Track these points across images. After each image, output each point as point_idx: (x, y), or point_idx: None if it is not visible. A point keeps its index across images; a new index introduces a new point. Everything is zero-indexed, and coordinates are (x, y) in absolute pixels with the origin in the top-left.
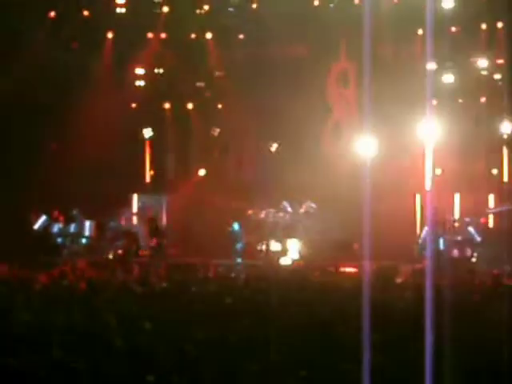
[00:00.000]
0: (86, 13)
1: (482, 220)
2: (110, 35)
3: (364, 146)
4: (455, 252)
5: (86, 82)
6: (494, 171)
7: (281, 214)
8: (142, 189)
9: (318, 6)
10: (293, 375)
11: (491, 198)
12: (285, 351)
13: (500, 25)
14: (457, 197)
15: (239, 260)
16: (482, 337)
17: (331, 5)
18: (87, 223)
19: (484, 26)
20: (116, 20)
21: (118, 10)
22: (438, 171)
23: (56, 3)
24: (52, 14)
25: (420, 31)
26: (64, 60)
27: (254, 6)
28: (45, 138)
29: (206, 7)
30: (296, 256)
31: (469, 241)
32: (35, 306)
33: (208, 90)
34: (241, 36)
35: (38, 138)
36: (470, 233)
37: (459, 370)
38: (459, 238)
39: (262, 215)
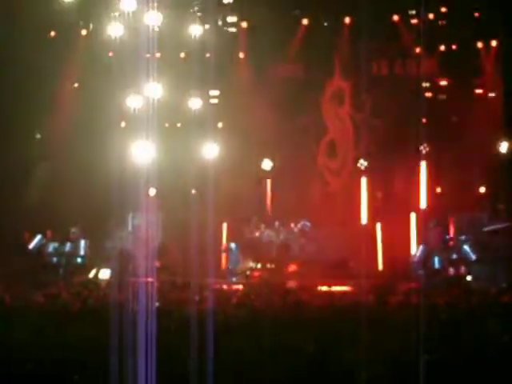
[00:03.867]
0: (82, 32)
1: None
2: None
3: (358, 164)
4: (450, 270)
5: (80, 101)
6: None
7: (275, 233)
8: (137, 208)
9: (312, 24)
10: None
11: (487, 217)
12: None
13: (494, 43)
14: (452, 215)
15: (234, 279)
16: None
17: (325, 23)
18: (82, 242)
19: (479, 45)
20: (112, 39)
21: (114, 29)
22: (438, 189)
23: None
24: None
25: (416, 50)
26: (57, 79)
27: (246, 24)
28: (39, 156)
29: (204, 26)
30: (290, 275)
31: (464, 259)
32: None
33: (203, 108)
34: (239, 55)
35: (32, 156)
36: (465, 251)
37: None
38: (454, 256)
39: (257, 234)
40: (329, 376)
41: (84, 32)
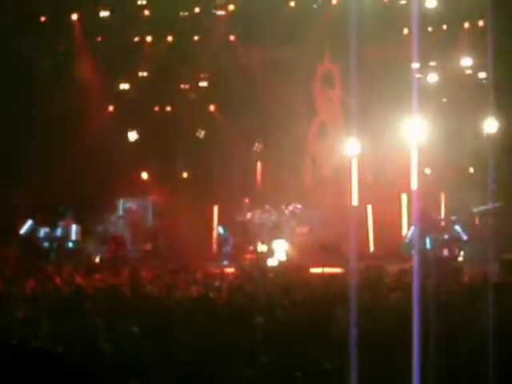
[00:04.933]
0: (72, 17)
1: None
2: (95, 39)
3: (350, 147)
4: (442, 251)
5: (71, 86)
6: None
7: (267, 216)
8: (128, 192)
9: (302, 6)
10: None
11: (477, 197)
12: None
13: (483, 23)
14: (443, 196)
15: (226, 263)
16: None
17: (314, 6)
18: (74, 227)
19: (467, 25)
20: (101, 24)
21: (103, 13)
22: (427, 171)
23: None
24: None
25: (405, 31)
26: (48, 64)
27: (233, 7)
28: (29, 138)
29: (196, 9)
30: (283, 257)
31: (455, 239)
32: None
33: (193, 92)
34: (230, 38)
35: (21, 138)
36: (456, 231)
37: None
38: (446, 236)
39: (248, 217)
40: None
41: (75, 17)
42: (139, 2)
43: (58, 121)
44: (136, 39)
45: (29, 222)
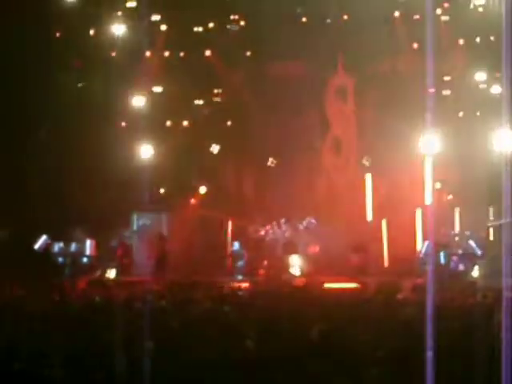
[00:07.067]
0: (90, 32)
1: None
2: (110, 54)
3: (364, 161)
4: (456, 266)
5: (85, 100)
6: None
7: (281, 231)
8: (142, 207)
9: (315, 22)
10: None
11: (491, 211)
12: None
13: (498, 38)
14: (457, 210)
15: (240, 278)
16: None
17: (328, 20)
18: (88, 242)
19: (481, 40)
20: (116, 39)
21: (118, 29)
22: (438, 185)
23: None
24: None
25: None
26: (62, 80)
27: (244, 23)
28: (46, 155)
29: (211, 25)
30: (297, 272)
31: (470, 254)
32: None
33: (207, 107)
34: (246, 53)
35: (39, 155)
36: (470, 246)
37: None
38: (460, 251)
39: (262, 232)
40: None
41: (91, 32)
42: (153, 18)
43: (72, 134)
44: (149, 54)
45: (43, 238)
